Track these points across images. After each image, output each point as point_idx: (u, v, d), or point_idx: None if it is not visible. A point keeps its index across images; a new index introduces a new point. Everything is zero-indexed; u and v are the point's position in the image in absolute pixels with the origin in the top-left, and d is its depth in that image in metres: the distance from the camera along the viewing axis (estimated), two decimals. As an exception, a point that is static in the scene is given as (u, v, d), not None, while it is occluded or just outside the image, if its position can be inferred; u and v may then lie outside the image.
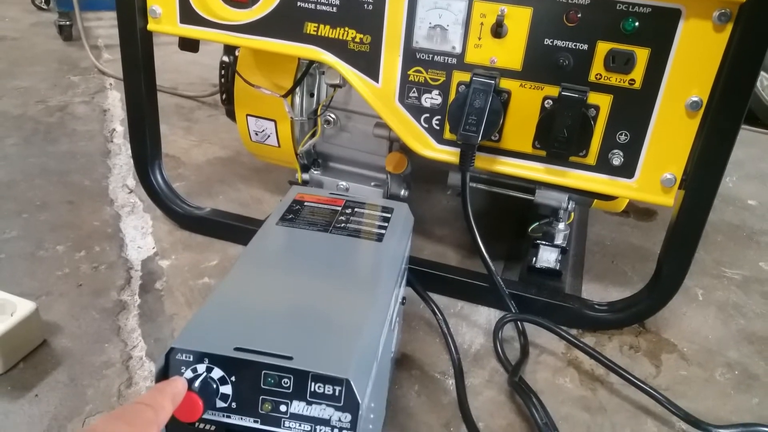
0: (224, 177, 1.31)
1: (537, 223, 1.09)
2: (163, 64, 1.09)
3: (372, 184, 1.13)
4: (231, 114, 1.15)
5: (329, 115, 1.07)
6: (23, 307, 0.78)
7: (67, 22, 2.24)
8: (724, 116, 0.74)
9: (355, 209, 0.72)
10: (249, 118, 1.09)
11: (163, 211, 1.11)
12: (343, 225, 0.68)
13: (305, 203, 0.72)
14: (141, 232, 1.08)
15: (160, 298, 0.91)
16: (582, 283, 1.04)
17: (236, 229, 1.07)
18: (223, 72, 1.09)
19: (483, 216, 1.21)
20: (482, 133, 0.81)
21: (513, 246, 1.13)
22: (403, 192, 1.13)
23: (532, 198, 1.03)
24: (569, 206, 1.03)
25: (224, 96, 1.13)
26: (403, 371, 0.80)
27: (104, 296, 0.91)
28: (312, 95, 1.07)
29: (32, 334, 0.80)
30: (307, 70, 1.01)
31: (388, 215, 0.72)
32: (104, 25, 2.46)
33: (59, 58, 2.07)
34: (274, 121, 1.07)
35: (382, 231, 0.68)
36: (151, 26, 0.96)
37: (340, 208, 0.72)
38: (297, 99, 1.05)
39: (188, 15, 0.93)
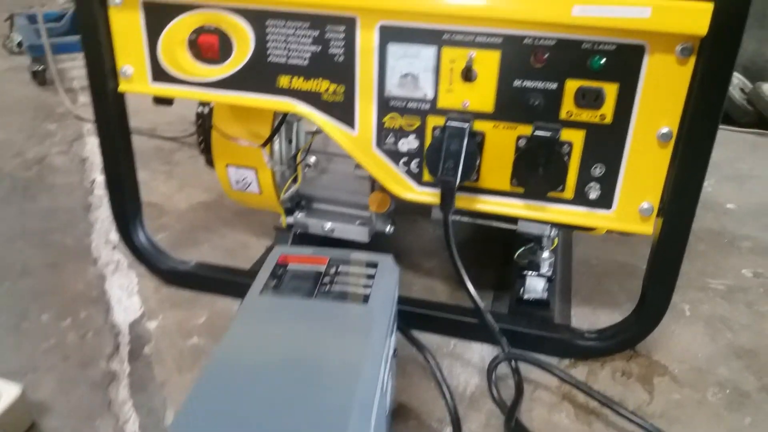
0: (208, 223, 1.31)
1: (523, 249, 1.10)
2: (140, 104, 1.09)
3: (357, 222, 1.13)
4: (211, 163, 1.15)
5: (309, 160, 1.07)
6: (8, 391, 0.76)
7: (41, 67, 2.22)
8: (694, 145, 0.76)
9: (340, 268, 0.72)
10: (229, 168, 1.09)
11: (147, 268, 1.11)
12: (327, 288, 0.68)
13: (288, 266, 0.73)
14: (127, 292, 1.08)
15: (150, 365, 0.90)
16: (571, 308, 1.05)
17: (223, 282, 1.07)
18: (199, 122, 1.09)
19: (469, 244, 1.22)
20: (460, 176, 0.82)
21: (501, 274, 1.14)
22: (388, 228, 1.13)
23: (515, 228, 1.04)
24: (552, 233, 1.04)
25: (202, 145, 1.13)
26: (400, 423, 0.80)
27: (93, 367, 0.90)
28: (290, 141, 1.08)
29: (20, 420, 0.78)
30: (284, 119, 1.02)
31: (373, 271, 0.73)
32: (78, 65, 2.44)
33: (35, 105, 2.05)
34: (255, 170, 1.08)
35: (368, 290, 0.68)
36: (122, 87, 0.96)
37: (324, 268, 0.72)
38: (275, 147, 1.05)
39: (160, 74, 0.93)
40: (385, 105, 0.86)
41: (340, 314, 0.65)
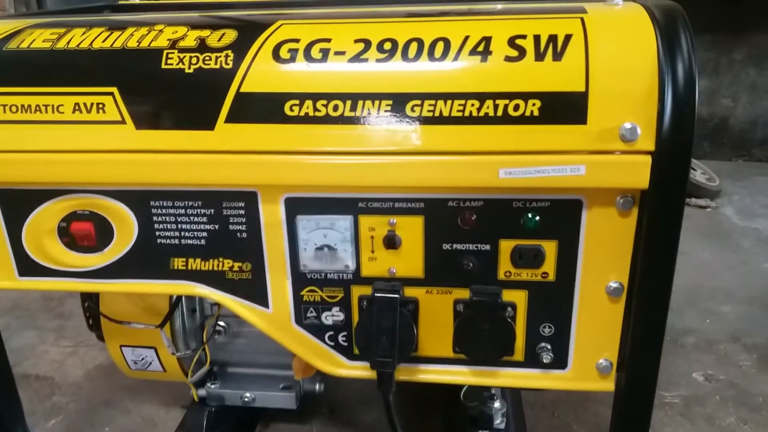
0: (109, 395, 1.14)
1: (466, 387, 1.00)
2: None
3: (281, 386, 1.00)
4: (102, 338, 0.99)
5: (219, 326, 0.94)
6: None
7: None
8: (649, 299, 0.69)
9: None
10: (124, 349, 0.94)
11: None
12: None
13: None
14: None
15: None
16: (530, 455, 0.95)
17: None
18: (85, 304, 0.94)
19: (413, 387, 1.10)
20: (398, 356, 0.72)
21: (449, 417, 1.03)
22: (317, 386, 1.01)
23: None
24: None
25: (90, 322, 0.98)
26: None
27: None
28: (194, 311, 0.94)
29: None
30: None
31: None
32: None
33: None
34: (154, 348, 0.93)
35: None
36: (-17, 283, 0.80)
37: None
38: (177, 323, 0.91)
39: (28, 267, 0.78)
40: (301, 279, 0.75)
41: None
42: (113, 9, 1.09)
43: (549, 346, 0.74)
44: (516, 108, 0.63)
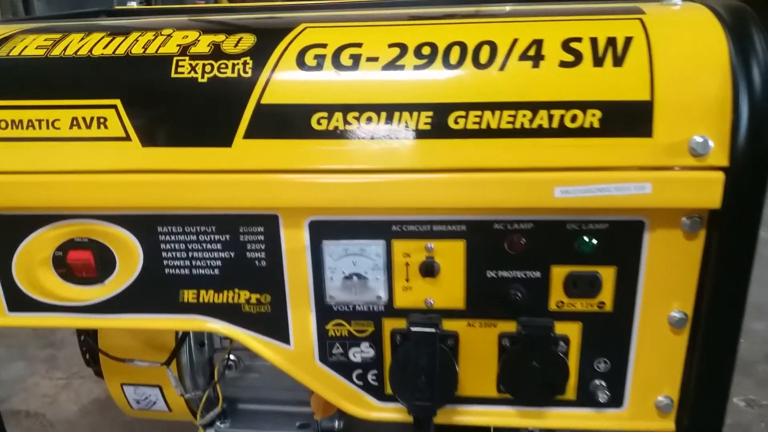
0: (106, 434, 1.05)
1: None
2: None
3: (297, 425, 0.92)
4: (100, 374, 0.90)
5: (229, 360, 0.86)
6: None
7: None
8: (717, 330, 0.62)
9: None
10: (125, 387, 0.86)
11: None
12: None
13: None
14: None
15: None
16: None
17: None
18: (81, 337, 0.85)
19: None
20: (439, 398, 0.64)
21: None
22: (337, 424, 0.93)
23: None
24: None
25: (87, 357, 0.89)
26: None
27: None
28: (203, 344, 0.86)
29: None
30: (192, 324, 0.80)
31: None
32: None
33: None
34: (159, 387, 0.84)
35: None
36: (-32, 319, 0.72)
37: None
38: (184, 358, 0.83)
39: (18, 301, 0.70)
40: (326, 312, 0.68)
41: None
42: (109, 14, 1.01)
43: (604, 383, 0.67)
44: (573, 119, 0.57)
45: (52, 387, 1.19)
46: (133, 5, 1.10)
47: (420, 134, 0.58)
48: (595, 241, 0.61)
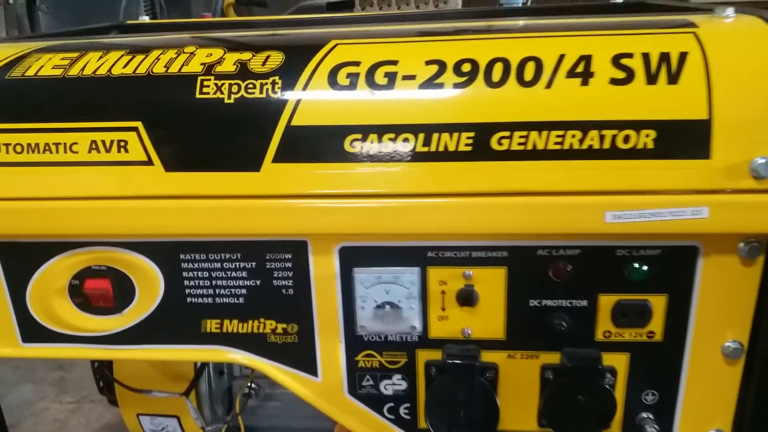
0: (119, 462, 1.01)
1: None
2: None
3: (319, 455, 0.88)
4: (115, 403, 0.87)
5: (249, 388, 0.82)
6: None
7: None
8: (776, 362, 0.59)
9: None
10: (141, 417, 0.82)
11: None
12: None
13: None
14: None
15: None
16: None
17: None
18: (95, 364, 0.82)
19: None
20: (479, 433, 0.61)
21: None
22: (359, 453, 0.89)
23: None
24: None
25: (101, 384, 0.86)
26: None
27: None
28: (222, 373, 0.82)
29: None
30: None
31: None
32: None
33: None
34: (177, 417, 0.81)
35: None
36: (-19, 351, 0.68)
37: None
38: (203, 387, 0.79)
39: (33, 331, 0.66)
40: (357, 342, 0.64)
41: None
42: (122, 30, 0.98)
43: (652, 416, 0.63)
44: (626, 140, 0.53)
45: (62, 411, 1.15)
46: (145, 19, 1.07)
47: (460, 156, 0.55)
48: (645, 268, 0.58)
